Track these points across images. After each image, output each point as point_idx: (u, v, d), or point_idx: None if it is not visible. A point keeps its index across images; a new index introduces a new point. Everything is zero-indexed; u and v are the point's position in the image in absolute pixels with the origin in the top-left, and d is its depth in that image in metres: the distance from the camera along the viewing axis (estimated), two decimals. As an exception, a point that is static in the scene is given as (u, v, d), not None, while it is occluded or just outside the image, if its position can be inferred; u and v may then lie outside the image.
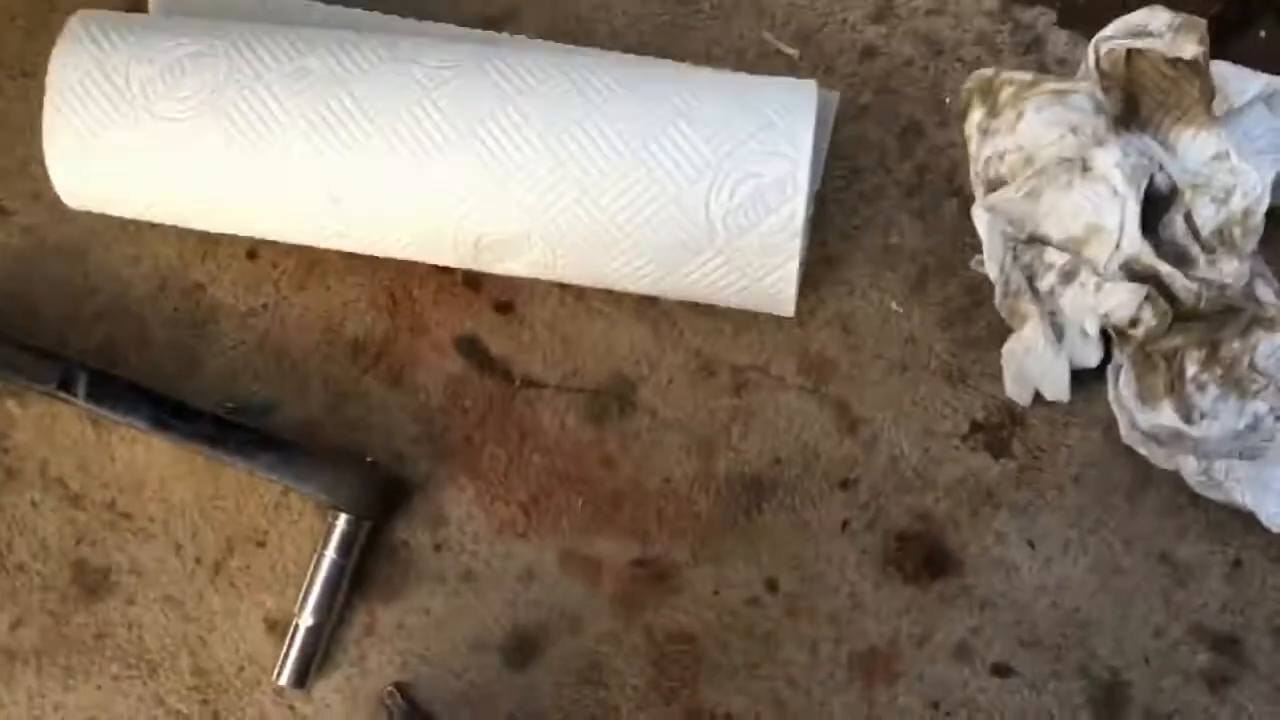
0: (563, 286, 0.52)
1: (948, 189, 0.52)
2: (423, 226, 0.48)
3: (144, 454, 0.52)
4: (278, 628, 0.50)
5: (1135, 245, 0.45)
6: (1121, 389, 0.46)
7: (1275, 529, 0.46)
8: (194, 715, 0.50)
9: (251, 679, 0.50)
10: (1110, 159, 0.45)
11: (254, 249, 0.53)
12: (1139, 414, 0.46)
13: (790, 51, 0.54)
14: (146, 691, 0.50)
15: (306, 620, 0.48)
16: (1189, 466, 0.46)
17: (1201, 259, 0.45)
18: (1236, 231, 0.45)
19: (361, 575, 0.50)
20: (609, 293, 0.51)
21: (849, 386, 0.51)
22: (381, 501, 0.49)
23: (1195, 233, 0.45)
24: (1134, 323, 0.45)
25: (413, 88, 0.47)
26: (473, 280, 0.52)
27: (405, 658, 0.50)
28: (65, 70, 0.48)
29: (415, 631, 0.50)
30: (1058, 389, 0.48)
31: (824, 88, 0.51)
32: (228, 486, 0.51)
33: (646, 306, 0.52)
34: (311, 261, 0.53)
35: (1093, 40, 0.47)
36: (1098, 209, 0.45)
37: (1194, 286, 0.44)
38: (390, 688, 0.40)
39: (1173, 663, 0.48)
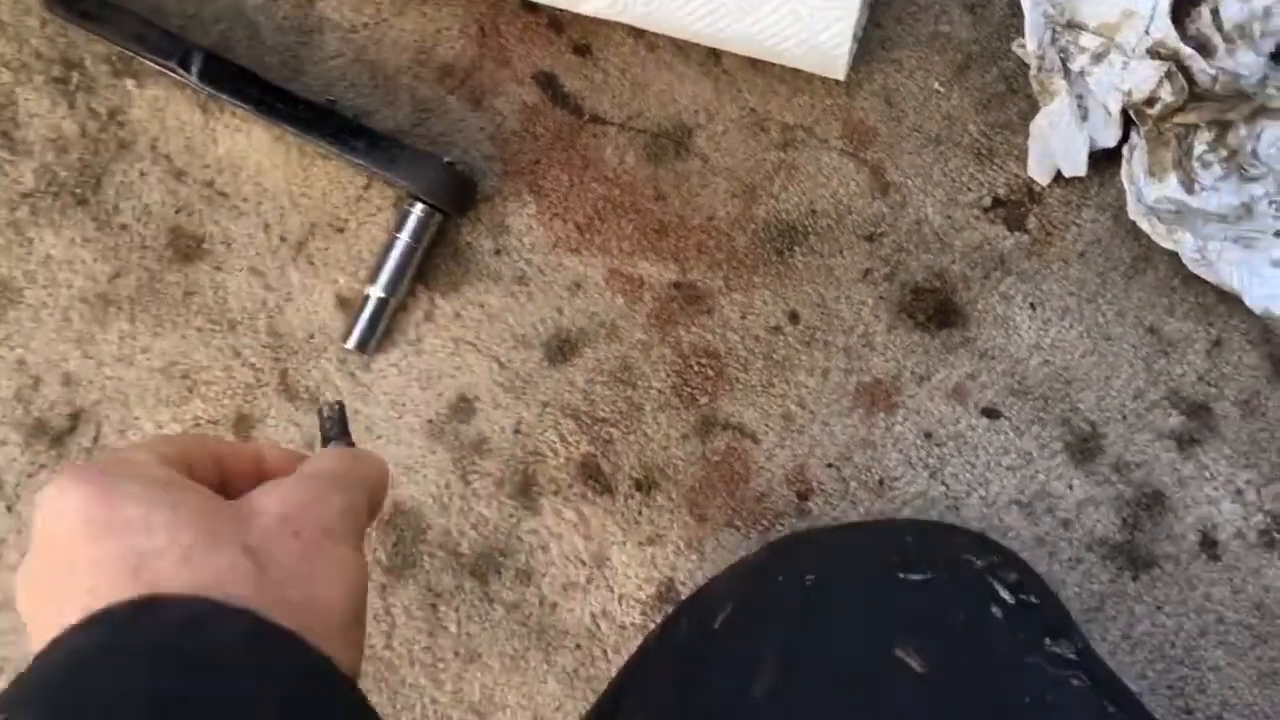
0: (637, 36, 0.57)
1: (1000, -11, 0.57)
2: (520, -45, 0.53)
3: (244, 141, 0.57)
4: (348, 304, 0.56)
5: (1163, 30, 0.49)
6: (1134, 165, 0.51)
7: (1258, 311, 0.51)
8: (266, 369, 0.56)
9: (319, 345, 0.56)
10: (1151, -51, 0.49)
11: (362, -27, 0.58)
12: (1146, 187, 0.50)
13: None
14: (225, 344, 0.56)
15: (376, 292, 0.54)
16: (1186, 245, 0.51)
17: (1221, 48, 0.49)
18: (1256, 28, 0.49)
19: (426, 267, 0.56)
20: (678, 46, 0.56)
21: (886, 153, 0.56)
22: (454, 197, 0.54)
23: (1219, 26, 0.49)
24: (1152, 101, 0.50)
25: None
26: (555, 22, 0.57)
27: (457, 344, 0.56)
28: None
29: (469, 322, 0.56)
30: (1076, 164, 0.52)
31: (899, -122, 0.55)
32: (316, 178, 0.57)
33: (710, 63, 0.57)
34: (412, -10, 0.58)
35: None
36: (1134, -4, 0.49)
37: (1211, 71, 0.49)
38: (334, 402, 0.40)
39: (1147, 422, 0.53)
